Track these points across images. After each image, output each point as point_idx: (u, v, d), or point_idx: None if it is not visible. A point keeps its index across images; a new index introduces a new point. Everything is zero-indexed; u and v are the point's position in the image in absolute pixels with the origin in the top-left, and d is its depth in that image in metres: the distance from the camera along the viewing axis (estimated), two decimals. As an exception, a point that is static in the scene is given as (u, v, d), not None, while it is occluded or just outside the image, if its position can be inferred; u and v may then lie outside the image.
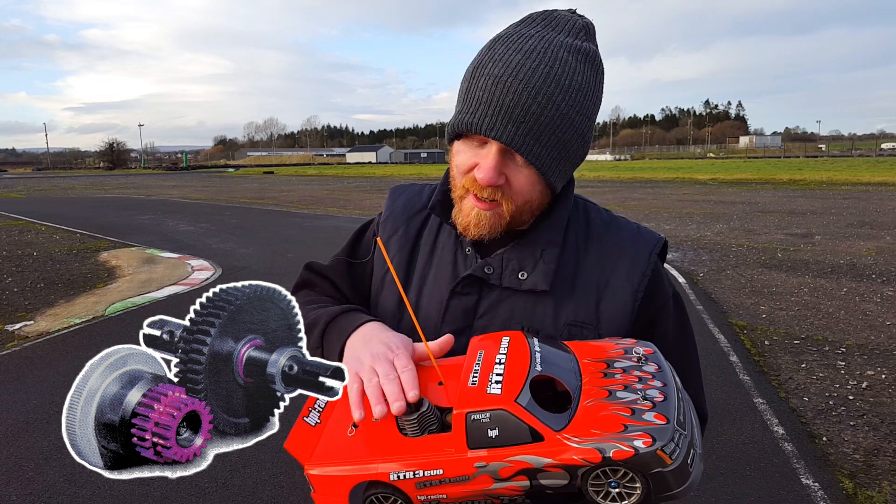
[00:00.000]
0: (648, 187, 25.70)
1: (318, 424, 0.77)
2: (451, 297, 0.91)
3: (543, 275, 0.87)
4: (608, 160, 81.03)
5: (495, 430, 0.63)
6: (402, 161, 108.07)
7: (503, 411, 0.63)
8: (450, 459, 0.65)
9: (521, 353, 0.71)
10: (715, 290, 7.01)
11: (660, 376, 0.68)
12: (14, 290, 7.50)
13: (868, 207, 15.29)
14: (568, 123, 0.80)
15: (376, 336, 0.81)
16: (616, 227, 0.96)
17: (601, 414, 0.63)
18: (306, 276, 1.07)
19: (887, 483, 2.98)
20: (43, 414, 3.88)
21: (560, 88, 0.78)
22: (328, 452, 0.72)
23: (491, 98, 0.78)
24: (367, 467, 0.68)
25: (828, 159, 57.34)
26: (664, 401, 0.64)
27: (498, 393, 0.65)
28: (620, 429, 0.60)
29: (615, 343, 0.77)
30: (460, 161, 0.86)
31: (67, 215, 17.12)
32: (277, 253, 10.01)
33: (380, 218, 1.05)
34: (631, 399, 0.64)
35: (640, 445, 0.59)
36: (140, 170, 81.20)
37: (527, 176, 0.83)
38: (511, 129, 0.78)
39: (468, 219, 0.86)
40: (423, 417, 0.70)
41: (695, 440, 0.64)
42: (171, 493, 2.98)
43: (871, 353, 4.80)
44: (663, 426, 0.60)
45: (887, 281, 7.18)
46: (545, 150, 0.81)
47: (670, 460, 0.59)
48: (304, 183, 36.20)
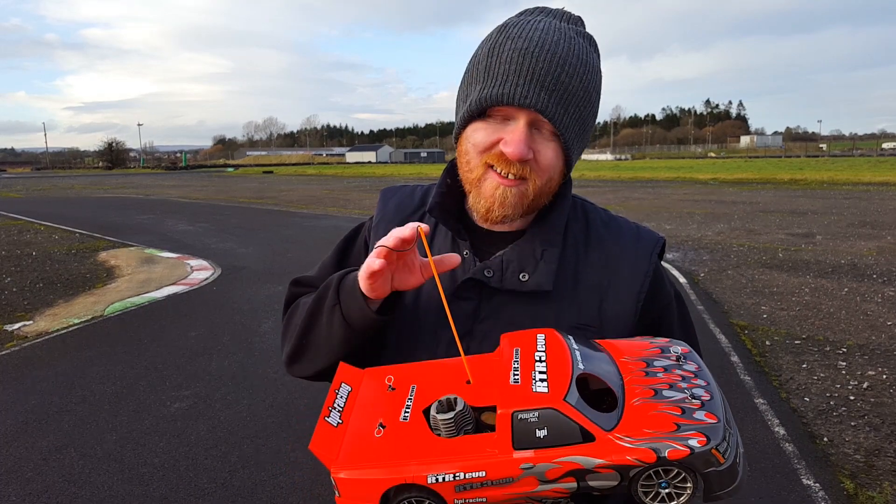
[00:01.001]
0: (649, 187, 25.69)
1: (339, 425, 0.73)
2: (451, 302, 0.88)
3: (546, 275, 0.86)
4: (609, 160, 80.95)
5: (544, 430, 0.61)
6: (402, 161, 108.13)
7: (553, 410, 0.61)
8: (494, 461, 0.62)
9: (561, 351, 0.69)
10: (716, 290, 7.00)
11: (701, 375, 0.67)
12: (13, 290, 7.49)
13: (869, 207, 15.28)
14: (587, 99, 0.82)
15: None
16: (616, 226, 0.95)
17: (651, 413, 0.62)
18: (294, 292, 1.04)
19: (888, 483, 2.97)
20: (42, 414, 3.87)
21: (581, 63, 0.80)
22: (355, 454, 0.69)
23: (519, 69, 0.78)
24: (401, 470, 0.65)
25: (829, 159, 57.35)
26: (711, 399, 0.63)
27: (545, 391, 0.62)
28: (673, 428, 0.59)
29: (649, 342, 0.75)
30: (479, 139, 0.83)
31: (66, 215, 17.11)
32: (277, 252, 10.00)
33: (371, 222, 1.03)
34: (679, 398, 0.63)
35: (696, 444, 0.58)
36: (139, 169, 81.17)
37: (553, 150, 0.82)
38: (544, 97, 0.78)
39: (492, 199, 0.84)
40: (460, 417, 0.67)
41: (739, 440, 0.64)
42: (171, 493, 2.97)
43: (872, 353, 4.79)
44: (715, 424, 0.59)
45: (888, 281, 7.17)
46: (571, 121, 0.81)
47: (724, 459, 0.59)
48: (303, 182, 36.18)
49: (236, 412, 3.88)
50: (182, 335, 5.53)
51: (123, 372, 4.59)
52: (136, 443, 3.48)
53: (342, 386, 0.79)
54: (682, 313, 0.96)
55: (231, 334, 5.52)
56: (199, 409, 3.94)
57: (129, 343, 5.26)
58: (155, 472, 3.17)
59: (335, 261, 1.04)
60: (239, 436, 3.56)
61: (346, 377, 0.80)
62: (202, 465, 3.24)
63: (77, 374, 4.56)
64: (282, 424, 3.70)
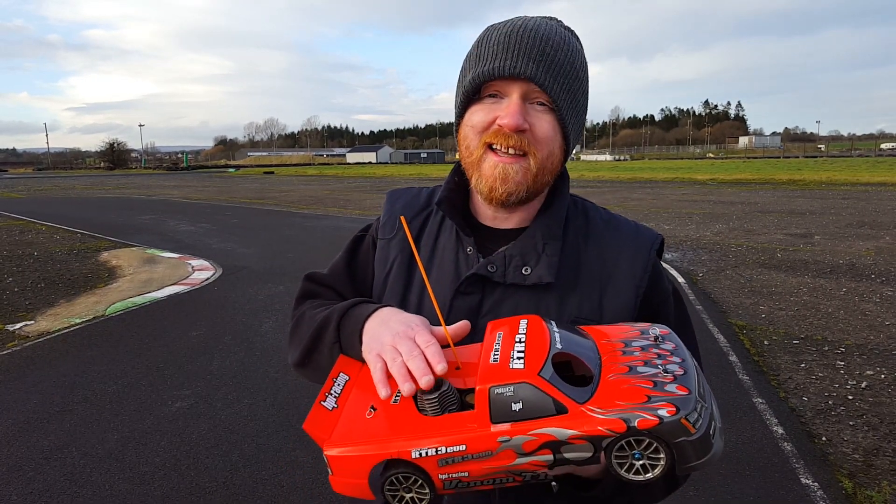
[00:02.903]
0: (648, 187, 25.69)
1: (334, 409, 0.76)
2: (455, 297, 0.91)
3: (548, 267, 0.88)
4: (608, 160, 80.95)
5: (519, 404, 0.63)
6: (402, 161, 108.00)
7: (527, 384, 0.63)
8: (473, 435, 0.65)
9: (541, 333, 0.71)
10: (714, 289, 7.01)
11: (678, 353, 0.69)
12: (15, 290, 7.50)
13: (867, 207, 15.29)
14: (574, 75, 0.86)
15: (394, 317, 0.81)
16: (615, 224, 0.97)
17: (624, 387, 0.63)
18: (308, 287, 1.05)
19: (887, 483, 2.99)
20: (43, 414, 3.88)
21: (564, 41, 0.85)
22: (347, 434, 0.72)
23: (506, 46, 0.83)
24: (387, 446, 0.68)
25: (827, 159, 57.32)
26: (684, 374, 0.65)
27: (521, 367, 0.65)
28: (644, 399, 0.61)
29: (630, 326, 0.77)
30: (477, 120, 0.86)
31: (68, 215, 17.12)
32: (278, 253, 10.01)
33: (378, 222, 1.05)
34: (652, 373, 0.65)
35: (665, 414, 0.59)
36: (140, 170, 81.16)
37: (549, 122, 0.85)
38: (532, 66, 0.82)
39: (492, 177, 0.86)
40: (444, 396, 0.70)
41: (715, 414, 0.65)
42: (171, 492, 2.98)
43: (871, 352, 4.80)
44: (686, 396, 0.61)
45: (886, 281, 7.18)
46: (562, 91, 0.84)
47: (694, 429, 0.60)
48: (304, 183, 36.19)
49: (237, 411, 3.90)
50: (183, 335, 5.54)
51: (125, 371, 4.61)
52: (137, 442, 3.50)
53: (340, 375, 0.82)
54: (680, 310, 0.98)
55: (232, 334, 5.54)
56: (201, 408, 3.95)
57: (130, 343, 5.27)
58: (156, 471, 3.18)
59: (346, 261, 1.05)
60: (240, 435, 3.58)
61: (344, 367, 0.83)
62: (203, 464, 3.25)
63: (78, 374, 4.57)
64: (283, 424, 3.71)
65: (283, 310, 6.31)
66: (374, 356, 0.75)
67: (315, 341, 0.89)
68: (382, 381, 0.72)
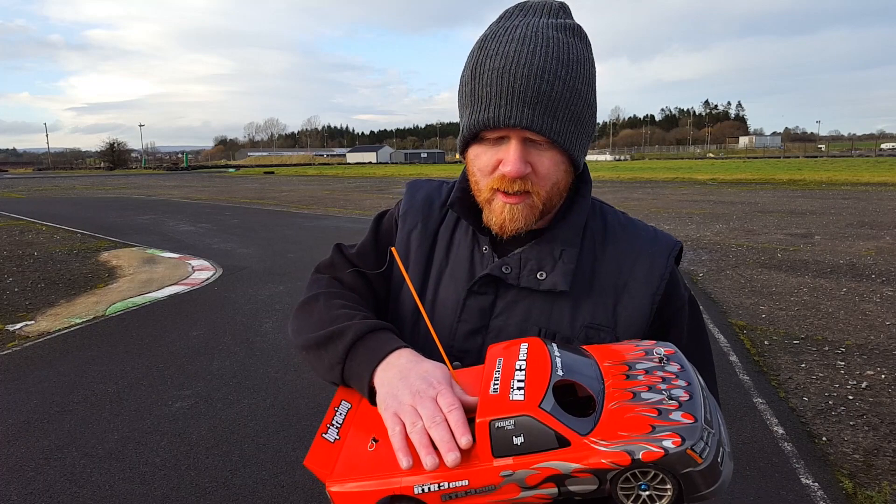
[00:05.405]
0: (648, 187, 25.69)
1: (336, 441, 0.75)
2: (468, 297, 0.90)
3: (563, 275, 0.87)
4: (608, 160, 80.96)
5: (520, 437, 0.62)
6: (403, 161, 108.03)
7: (527, 417, 0.62)
8: (475, 469, 0.64)
9: (542, 359, 0.70)
10: (714, 289, 7.01)
11: (683, 375, 0.67)
12: (15, 290, 7.50)
13: (868, 207, 15.28)
14: (577, 94, 0.81)
15: (413, 369, 0.76)
16: (633, 229, 0.95)
17: (627, 416, 0.62)
18: (336, 259, 1.04)
19: (887, 483, 2.98)
20: (43, 414, 3.88)
21: (561, 63, 0.79)
22: (349, 468, 0.71)
23: (500, 90, 0.79)
24: (389, 481, 0.67)
25: (827, 159, 57.29)
26: (690, 399, 0.63)
27: (521, 399, 0.64)
28: (648, 430, 0.59)
29: (634, 345, 0.76)
30: (482, 164, 0.85)
31: (68, 215, 17.12)
32: (278, 253, 10.01)
33: (398, 210, 1.04)
34: (656, 399, 0.63)
35: (670, 445, 0.58)
36: (140, 170, 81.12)
37: (550, 157, 0.83)
38: (528, 113, 0.78)
39: (501, 217, 0.85)
40: None
41: (723, 438, 0.63)
42: (172, 492, 2.98)
43: (871, 352, 4.80)
44: (692, 425, 0.59)
45: (887, 281, 7.18)
46: (563, 125, 0.81)
47: (700, 459, 0.58)
48: (304, 183, 36.19)
49: (237, 412, 3.89)
50: (183, 335, 5.54)
51: (125, 371, 4.61)
52: (137, 442, 3.49)
53: (342, 403, 0.81)
54: (695, 319, 0.96)
55: (232, 334, 5.54)
56: (201, 408, 3.95)
57: (130, 343, 5.27)
58: (156, 471, 3.18)
59: (373, 239, 1.04)
60: (240, 435, 3.57)
61: (346, 395, 0.82)
62: (203, 464, 3.25)
63: (78, 374, 4.57)
64: (283, 424, 3.71)
65: (284, 310, 6.31)
66: (391, 415, 0.71)
67: (319, 346, 0.87)
68: (403, 450, 0.67)
